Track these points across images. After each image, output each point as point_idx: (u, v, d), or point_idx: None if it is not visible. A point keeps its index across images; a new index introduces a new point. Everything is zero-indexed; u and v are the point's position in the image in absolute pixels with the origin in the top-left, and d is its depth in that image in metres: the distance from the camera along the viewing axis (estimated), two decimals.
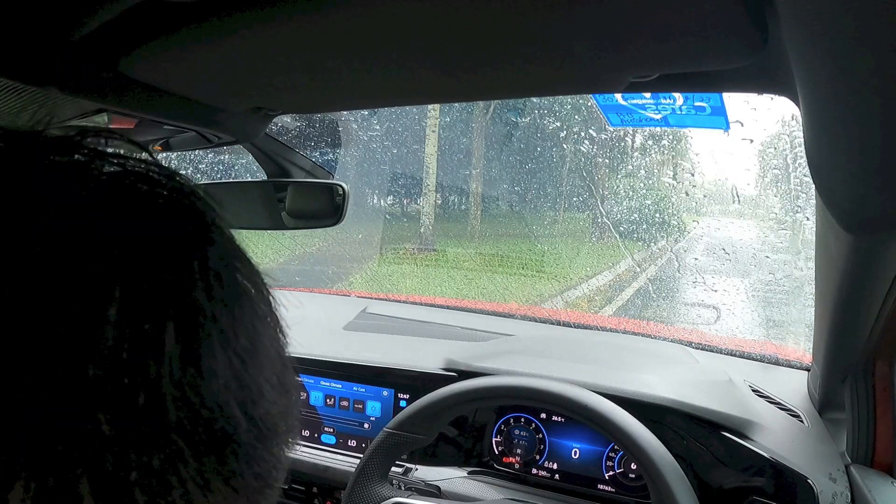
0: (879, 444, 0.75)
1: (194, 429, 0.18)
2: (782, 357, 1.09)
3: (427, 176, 5.56)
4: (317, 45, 0.44)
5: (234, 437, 0.19)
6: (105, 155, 0.20)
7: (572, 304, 3.31)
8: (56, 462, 0.15)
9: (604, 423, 0.71)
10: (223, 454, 0.19)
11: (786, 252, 2.18)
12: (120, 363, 0.16)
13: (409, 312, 1.39)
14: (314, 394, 1.07)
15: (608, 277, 4.06)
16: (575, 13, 0.36)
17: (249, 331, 0.21)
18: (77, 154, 0.19)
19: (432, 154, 5.38)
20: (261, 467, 0.21)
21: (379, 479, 0.78)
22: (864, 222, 0.43)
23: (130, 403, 0.16)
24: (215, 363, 0.18)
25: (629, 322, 1.28)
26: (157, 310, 0.18)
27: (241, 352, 0.20)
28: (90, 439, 0.16)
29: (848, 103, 0.31)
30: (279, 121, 0.78)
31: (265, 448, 0.21)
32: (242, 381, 0.20)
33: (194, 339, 0.18)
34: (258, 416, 0.20)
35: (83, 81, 0.48)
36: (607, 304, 3.75)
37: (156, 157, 0.22)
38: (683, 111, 0.76)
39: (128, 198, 0.19)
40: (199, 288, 0.19)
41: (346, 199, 0.83)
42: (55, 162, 0.19)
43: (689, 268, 2.35)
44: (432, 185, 5.65)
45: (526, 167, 5.62)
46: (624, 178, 4.29)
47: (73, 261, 0.17)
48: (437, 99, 0.64)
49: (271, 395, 0.21)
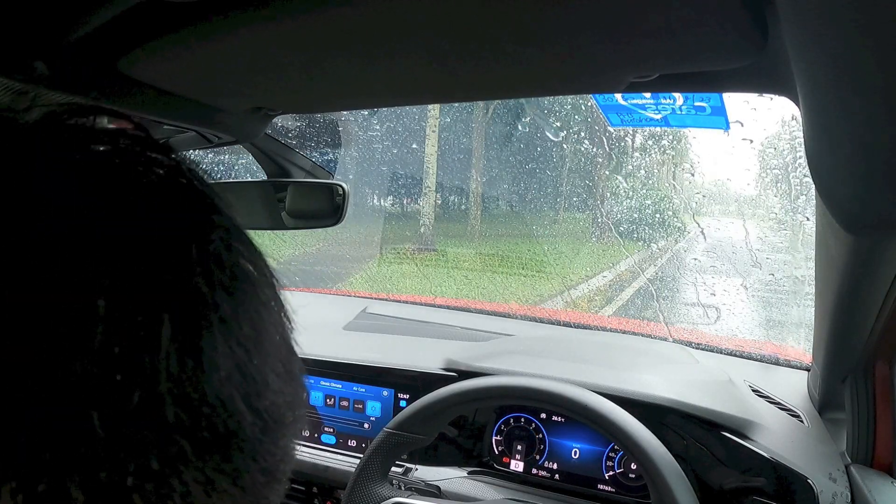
0: (879, 444, 0.75)
1: (195, 427, 0.17)
2: (782, 357, 1.09)
3: (427, 176, 5.57)
4: (317, 45, 0.44)
5: (239, 432, 0.18)
6: (96, 134, 0.19)
7: (572, 303, 3.31)
8: (47, 465, 0.14)
9: (604, 423, 0.71)
10: (228, 451, 0.18)
11: (786, 252, 2.18)
12: (111, 359, 0.15)
13: (409, 312, 1.39)
14: (314, 394, 1.07)
15: (608, 277, 4.06)
16: (575, 13, 0.36)
17: (253, 317, 0.19)
18: (66, 135, 0.18)
19: (432, 154, 5.40)
20: (267, 462, 0.20)
21: (379, 479, 0.78)
22: (864, 222, 0.43)
23: (124, 402, 0.15)
24: (217, 355, 0.17)
25: (629, 322, 1.28)
26: (152, 300, 0.16)
27: (244, 341, 0.18)
28: (82, 440, 0.15)
29: (848, 103, 0.31)
30: (279, 121, 0.78)
31: (271, 441, 0.20)
32: (246, 372, 0.18)
33: (194, 330, 0.17)
34: (263, 408, 0.19)
35: (83, 81, 0.48)
36: (607, 305, 3.76)
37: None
38: (683, 111, 0.76)
39: (121, 182, 0.18)
40: (198, 273, 0.18)
41: (347, 199, 0.83)
42: (43, 148, 0.18)
43: (688, 268, 2.35)
44: (432, 185, 5.66)
45: (526, 167, 5.63)
46: (625, 177, 4.29)
47: (61, 252, 0.16)
48: (438, 99, 0.64)
49: (277, 384, 0.20)
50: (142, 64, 0.48)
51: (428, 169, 5.44)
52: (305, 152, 0.87)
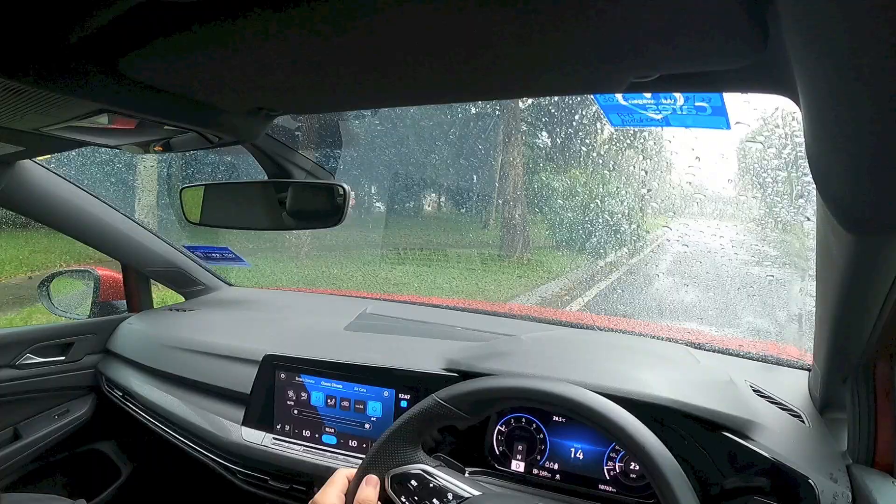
0: (880, 444, 0.75)
1: None
2: (783, 357, 1.09)
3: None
4: (317, 45, 0.44)
5: None
6: None
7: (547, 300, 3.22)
8: None
9: (608, 425, 0.71)
10: None
11: (787, 251, 2.18)
12: None
13: (409, 313, 1.40)
14: (315, 394, 1.07)
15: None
16: (575, 14, 0.36)
17: None
18: None
19: None
20: None
21: (411, 442, 0.76)
22: (864, 222, 0.43)
23: None
24: None
25: (629, 322, 1.28)
26: None
27: None
28: None
29: (848, 103, 0.31)
30: (279, 120, 0.78)
31: None
32: None
33: None
34: None
35: (83, 81, 0.48)
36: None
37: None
38: (684, 111, 0.76)
39: None
40: None
41: (347, 199, 0.83)
42: None
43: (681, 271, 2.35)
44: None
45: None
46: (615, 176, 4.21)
47: None
48: (438, 99, 0.64)
49: None
50: (142, 64, 0.48)
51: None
52: (306, 152, 0.87)
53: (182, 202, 0.95)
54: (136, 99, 0.54)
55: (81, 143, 0.78)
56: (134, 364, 1.36)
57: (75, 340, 1.42)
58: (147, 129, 0.65)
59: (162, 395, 1.24)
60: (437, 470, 0.75)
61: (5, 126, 0.63)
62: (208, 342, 1.25)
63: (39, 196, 1.21)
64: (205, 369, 1.21)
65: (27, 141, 0.79)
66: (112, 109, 0.54)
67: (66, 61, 0.45)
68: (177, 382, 1.25)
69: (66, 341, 1.40)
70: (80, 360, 1.43)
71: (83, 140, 0.73)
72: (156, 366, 1.29)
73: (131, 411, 1.32)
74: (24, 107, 0.53)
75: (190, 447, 1.18)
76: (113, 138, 0.71)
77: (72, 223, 1.31)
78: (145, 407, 1.28)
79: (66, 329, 1.41)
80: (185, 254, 1.59)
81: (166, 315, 1.49)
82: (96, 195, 1.34)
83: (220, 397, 1.17)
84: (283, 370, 1.10)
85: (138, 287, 1.55)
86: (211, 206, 0.92)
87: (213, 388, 1.17)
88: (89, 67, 0.47)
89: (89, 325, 1.45)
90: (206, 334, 1.30)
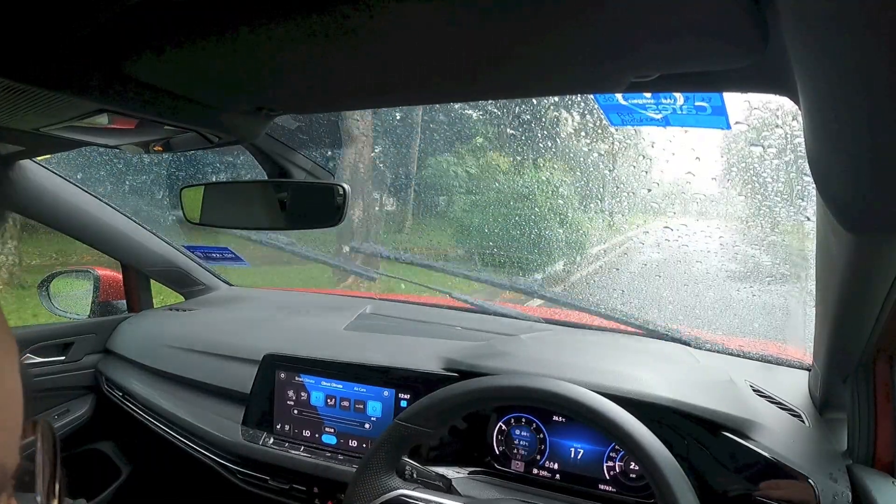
0: (880, 444, 0.75)
1: None
2: (783, 357, 1.09)
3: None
4: (317, 45, 0.44)
5: None
6: None
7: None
8: None
9: (610, 425, 0.71)
10: None
11: (786, 251, 2.18)
12: None
13: (409, 312, 1.40)
14: (315, 394, 1.07)
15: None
16: (576, 14, 0.36)
17: None
18: None
19: None
20: None
21: (386, 470, 0.78)
22: (864, 222, 0.43)
23: None
24: None
25: (629, 322, 1.28)
26: None
27: None
28: None
29: (848, 103, 0.31)
30: (279, 120, 0.78)
31: None
32: None
33: None
34: None
35: (83, 81, 0.48)
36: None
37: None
38: (684, 111, 0.76)
39: None
40: None
41: (347, 199, 0.83)
42: None
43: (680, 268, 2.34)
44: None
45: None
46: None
47: None
48: (437, 99, 0.64)
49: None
50: (143, 64, 0.48)
51: None
52: (306, 152, 0.87)
53: (182, 202, 0.95)
54: (137, 99, 0.54)
55: (81, 143, 0.78)
56: (134, 364, 1.36)
57: (75, 340, 1.41)
58: (147, 129, 0.65)
59: (162, 395, 1.24)
60: (416, 492, 0.78)
61: (5, 126, 0.63)
62: (208, 342, 1.25)
63: (39, 196, 1.21)
64: (205, 369, 1.21)
65: (27, 141, 0.79)
66: (112, 109, 0.54)
67: (67, 61, 0.45)
68: (177, 382, 1.25)
69: (65, 341, 1.40)
70: (79, 360, 1.43)
71: (83, 140, 0.73)
72: (156, 366, 1.29)
73: (131, 411, 1.32)
74: (24, 107, 0.53)
75: (190, 447, 1.18)
76: (113, 138, 0.71)
77: (72, 223, 1.31)
78: (145, 407, 1.28)
79: (66, 329, 1.41)
80: (184, 254, 1.59)
81: (166, 315, 1.49)
82: (96, 195, 1.34)
83: (220, 397, 1.17)
84: (282, 370, 1.10)
85: (138, 287, 1.55)
86: (211, 205, 0.92)
87: (213, 387, 1.17)
88: (89, 67, 0.47)
89: (89, 325, 1.45)
90: (206, 334, 1.30)
